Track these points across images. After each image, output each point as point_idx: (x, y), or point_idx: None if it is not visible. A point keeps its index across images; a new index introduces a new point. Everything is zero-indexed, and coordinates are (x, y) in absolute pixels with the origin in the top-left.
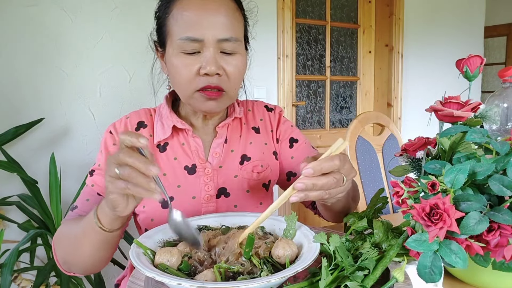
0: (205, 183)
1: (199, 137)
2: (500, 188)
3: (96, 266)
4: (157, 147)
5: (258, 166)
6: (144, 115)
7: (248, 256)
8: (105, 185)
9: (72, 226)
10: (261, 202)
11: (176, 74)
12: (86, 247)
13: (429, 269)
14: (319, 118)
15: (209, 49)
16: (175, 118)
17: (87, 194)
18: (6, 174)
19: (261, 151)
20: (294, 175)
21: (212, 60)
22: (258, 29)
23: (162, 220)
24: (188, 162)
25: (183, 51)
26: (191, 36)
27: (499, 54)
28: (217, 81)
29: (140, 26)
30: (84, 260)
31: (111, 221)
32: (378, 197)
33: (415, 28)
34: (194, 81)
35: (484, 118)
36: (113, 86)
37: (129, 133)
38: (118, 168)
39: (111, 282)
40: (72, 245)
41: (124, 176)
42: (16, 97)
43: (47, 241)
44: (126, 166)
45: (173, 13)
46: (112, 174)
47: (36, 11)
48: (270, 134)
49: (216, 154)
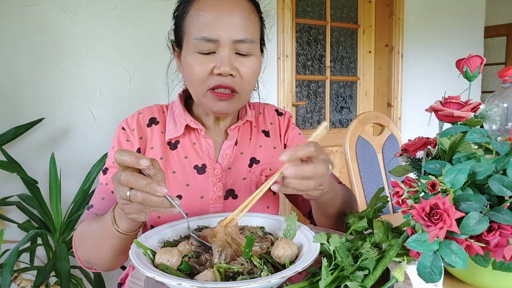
0: (214, 184)
1: (211, 138)
2: (500, 188)
3: (116, 264)
4: (168, 144)
5: (267, 170)
6: (157, 111)
7: (248, 256)
8: (121, 207)
9: (91, 226)
10: (268, 205)
11: (190, 72)
12: (106, 249)
13: (429, 269)
14: (319, 118)
15: (224, 50)
16: (189, 117)
17: (102, 192)
18: (6, 174)
19: (270, 154)
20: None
21: (227, 61)
22: None
23: (169, 216)
24: (198, 161)
25: (198, 50)
26: (207, 36)
27: (499, 54)
28: (230, 81)
29: (140, 26)
30: (105, 261)
31: (130, 227)
32: (378, 196)
33: (415, 28)
34: (207, 80)
35: (484, 118)
36: (113, 86)
37: (127, 153)
38: (128, 191)
39: (111, 282)
40: (93, 246)
41: (137, 201)
42: (16, 97)
43: (47, 241)
44: (136, 190)
45: (190, 13)
46: (124, 197)
47: (36, 11)
48: (278, 139)
49: (226, 155)
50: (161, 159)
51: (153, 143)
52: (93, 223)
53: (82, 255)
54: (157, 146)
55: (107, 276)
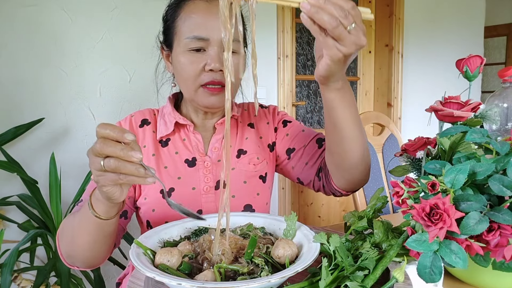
0: (205, 175)
1: (199, 133)
2: (500, 188)
3: (96, 259)
4: (160, 143)
5: (254, 159)
6: (148, 114)
7: (249, 257)
8: (95, 180)
9: (70, 218)
10: (258, 192)
11: (182, 70)
12: (84, 238)
13: (429, 269)
14: (319, 118)
15: (213, 48)
16: (177, 115)
17: (92, 188)
18: (6, 174)
19: (257, 144)
20: (293, 151)
21: (217, 58)
22: (258, 29)
23: (164, 210)
24: (189, 155)
25: (190, 48)
26: (198, 35)
27: (499, 54)
28: (220, 77)
29: (140, 26)
30: (83, 252)
31: (107, 209)
32: (377, 197)
33: (415, 28)
34: (199, 77)
35: (484, 118)
36: (113, 86)
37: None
38: (102, 160)
39: (111, 282)
40: (71, 237)
41: (110, 168)
42: (16, 97)
43: (47, 241)
44: (109, 158)
45: (181, 16)
46: (98, 168)
47: (36, 11)
48: (266, 127)
49: (215, 149)
50: (153, 156)
51: (145, 142)
52: (72, 215)
53: (63, 249)
54: (149, 144)
55: (107, 276)
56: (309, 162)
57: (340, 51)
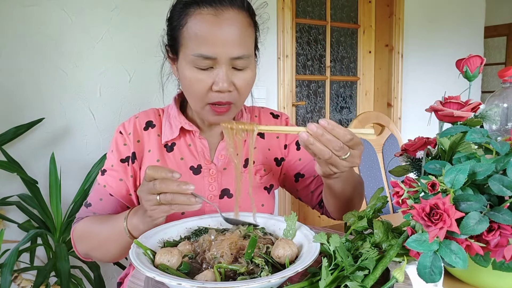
0: (209, 183)
1: (206, 139)
2: (500, 188)
3: (119, 258)
4: (165, 147)
5: (261, 170)
6: (153, 115)
7: (249, 257)
8: (149, 214)
9: (95, 226)
10: (263, 203)
11: (189, 87)
12: (115, 250)
13: (429, 269)
14: (319, 118)
15: (221, 67)
16: (183, 119)
17: (100, 193)
18: (6, 174)
19: (264, 156)
20: (302, 176)
21: (225, 78)
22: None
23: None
24: (194, 162)
25: (196, 66)
26: (204, 54)
27: (499, 54)
28: (228, 96)
29: (140, 26)
30: (110, 255)
31: (145, 231)
32: (377, 197)
33: (415, 28)
34: (206, 96)
35: (484, 118)
36: (113, 86)
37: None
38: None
39: (111, 282)
40: (98, 245)
41: (166, 201)
42: (16, 97)
43: (47, 241)
44: (164, 193)
45: (187, 26)
46: (154, 203)
47: (36, 11)
48: (276, 141)
49: (221, 156)
50: (158, 161)
51: (150, 146)
52: (96, 224)
53: (83, 250)
54: (154, 149)
55: (107, 276)
56: (314, 192)
57: (332, 171)
